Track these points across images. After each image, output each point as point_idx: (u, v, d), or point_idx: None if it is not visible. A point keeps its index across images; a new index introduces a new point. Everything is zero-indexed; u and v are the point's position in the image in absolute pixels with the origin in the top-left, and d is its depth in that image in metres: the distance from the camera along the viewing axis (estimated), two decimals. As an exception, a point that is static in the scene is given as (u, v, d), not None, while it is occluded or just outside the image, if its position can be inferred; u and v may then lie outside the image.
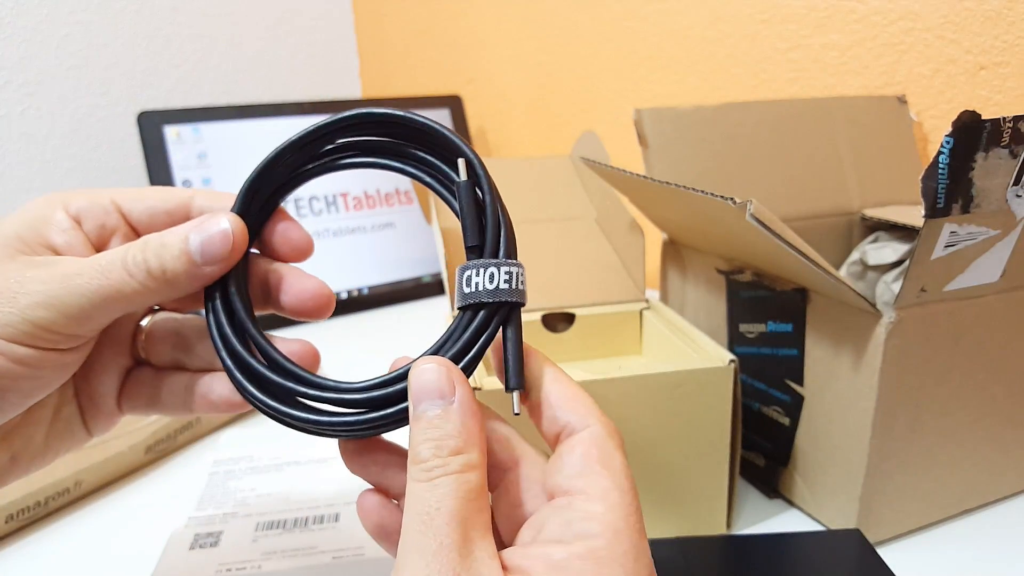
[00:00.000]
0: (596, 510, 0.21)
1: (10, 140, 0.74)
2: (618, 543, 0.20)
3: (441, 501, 0.20)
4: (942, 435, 0.37)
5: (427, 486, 0.20)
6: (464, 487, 0.20)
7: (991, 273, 0.34)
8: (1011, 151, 0.29)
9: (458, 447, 0.21)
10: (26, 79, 0.75)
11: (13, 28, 0.73)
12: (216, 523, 0.39)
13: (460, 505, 0.20)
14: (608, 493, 0.21)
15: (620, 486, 0.21)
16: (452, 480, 0.20)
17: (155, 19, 0.84)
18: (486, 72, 0.94)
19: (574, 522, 0.21)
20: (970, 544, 0.37)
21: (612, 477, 0.22)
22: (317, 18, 1.02)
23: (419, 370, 0.22)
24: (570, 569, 0.20)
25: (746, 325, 0.43)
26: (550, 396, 0.24)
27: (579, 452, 0.22)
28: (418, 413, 0.21)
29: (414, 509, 0.20)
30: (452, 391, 0.21)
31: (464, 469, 0.20)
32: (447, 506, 0.20)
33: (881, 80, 0.59)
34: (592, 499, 0.21)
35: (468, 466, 0.20)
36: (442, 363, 0.22)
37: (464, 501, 0.20)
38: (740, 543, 0.33)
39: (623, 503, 0.21)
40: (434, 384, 0.21)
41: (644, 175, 0.39)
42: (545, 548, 0.20)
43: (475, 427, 0.21)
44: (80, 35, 0.78)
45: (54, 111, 0.77)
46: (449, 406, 0.21)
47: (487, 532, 0.21)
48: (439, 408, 0.21)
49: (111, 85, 0.82)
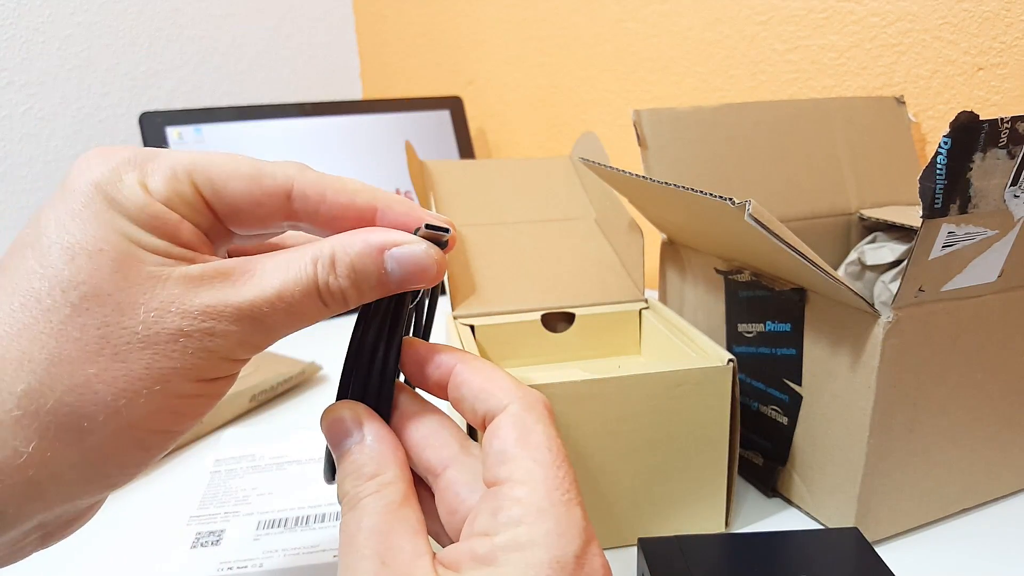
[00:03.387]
0: (519, 494, 0.21)
1: (12, 141, 0.74)
2: (541, 524, 0.20)
3: (361, 521, 0.21)
4: (940, 434, 0.37)
5: (350, 514, 0.21)
6: (382, 503, 0.21)
7: (989, 273, 0.34)
8: (1009, 151, 0.29)
9: (372, 472, 0.22)
10: (28, 80, 0.75)
11: (15, 29, 0.73)
12: (218, 521, 0.39)
13: (379, 520, 0.21)
14: (530, 473, 0.21)
15: (541, 461, 0.21)
16: (369, 500, 0.21)
17: (157, 20, 0.85)
18: (486, 73, 0.94)
19: (499, 511, 0.21)
20: (968, 543, 0.38)
21: (532, 454, 0.21)
22: (318, 20, 1.03)
23: (329, 419, 0.23)
24: (495, 561, 0.20)
25: (744, 325, 0.43)
26: (462, 388, 0.24)
27: (499, 437, 0.22)
28: (339, 455, 0.23)
29: (342, 536, 0.21)
30: (360, 426, 0.23)
31: (380, 488, 0.22)
32: (366, 524, 0.21)
33: (879, 81, 0.59)
34: (515, 483, 0.21)
35: (383, 484, 0.22)
36: (344, 406, 0.23)
37: (383, 515, 0.21)
38: (738, 541, 0.33)
39: (546, 478, 0.21)
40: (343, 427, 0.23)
41: (643, 175, 0.39)
42: (471, 542, 0.21)
43: (387, 450, 0.23)
44: (82, 36, 0.78)
45: (56, 112, 0.77)
46: (360, 441, 0.23)
47: (416, 535, 0.21)
48: (352, 445, 0.23)
49: (113, 86, 0.82)
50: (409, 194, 0.84)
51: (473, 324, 0.44)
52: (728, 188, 0.48)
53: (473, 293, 0.46)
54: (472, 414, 0.24)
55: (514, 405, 0.22)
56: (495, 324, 0.45)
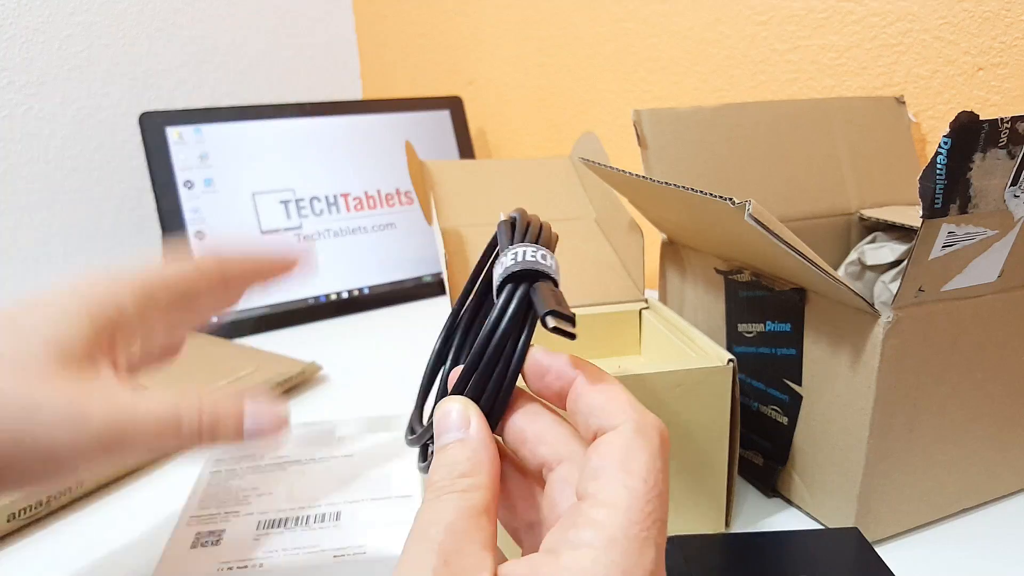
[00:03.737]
0: (597, 516, 0.20)
1: (12, 140, 0.74)
2: (607, 554, 0.19)
3: (440, 515, 0.21)
4: (940, 434, 0.37)
5: (432, 503, 0.22)
6: (465, 503, 0.21)
7: (989, 273, 0.34)
8: (1009, 151, 0.29)
9: (465, 471, 0.22)
10: (28, 80, 0.75)
11: (15, 29, 0.73)
12: (218, 521, 0.39)
13: (456, 518, 0.21)
14: (617, 497, 0.20)
15: (633, 488, 0.20)
16: (454, 497, 0.21)
17: (157, 20, 0.85)
18: (486, 73, 0.94)
19: (572, 528, 0.20)
20: (968, 543, 0.38)
21: (626, 479, 0.20)
22: (318, 20, 1.03)
23: (441, 410, 0.24)
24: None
25: (745, 325, 0.43)
26: (579, 401, 0.23)
27: (600, 453, 0.21)
28: (439, 446, 0.24)
29: (416, 522, 0.21)
30: (467, 425, 0.23)
31: (468, 489, 0.22)
32: (444, 519, 0.21)
33: (879, 81, 0.59)
34: (598, 503, 0.20)
35: (472, 487, 0.22)
36: (458, 400, 0.24)
37: (462, 515, 0.21)
38: (738, 541, 0.33)
39: (630, 508, 0.20)
40: (450, 420, 0.24)
41: (643, 175, 0.39)
42: (533, 560, 0.20)
43: (485, 454, 0.23)
44: (82, 36, 0.78)
45: (56, 112, 0.77)
46: (463, 438, 0.23)
47: (485, 547, 0.21)
48: (454, 439, 0.23)
49: (113, 86, 0.82)
50: (409, 194, 0.84)
51: (473, 324, 0.44)
52: (728, 188, 0.48)
53: (473, 293, 0.46)
54: (585, 428, 0.23)
55: (627, 426, 0.22)
56: (495, 324, 0.45)
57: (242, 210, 0.74)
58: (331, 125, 0.81)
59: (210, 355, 0.60)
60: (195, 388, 0.27)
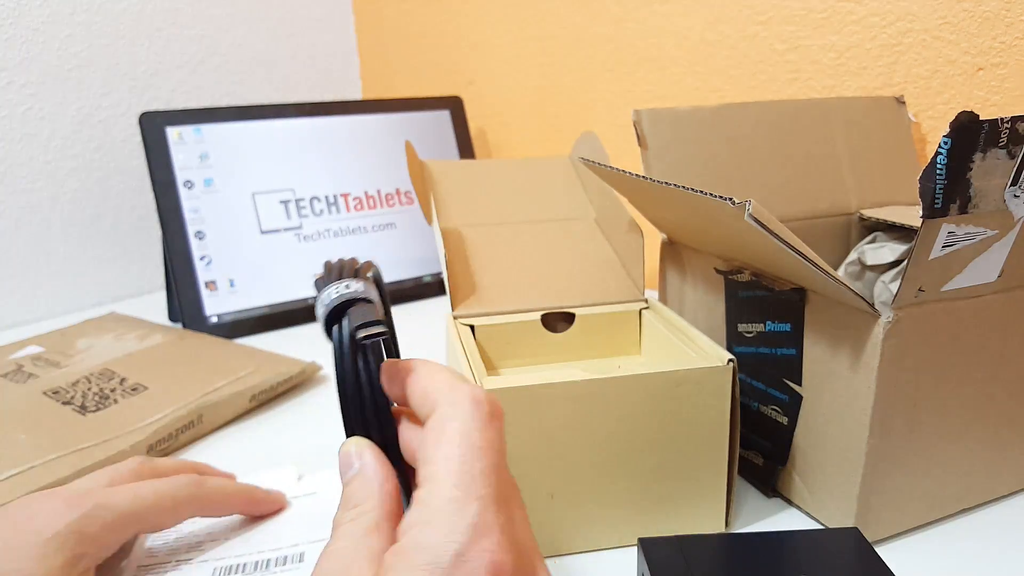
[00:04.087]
0: (421, 496, 0.22)
1: (12, 140, 0.74)
2: (433, 526, 0.21)
3: (332, 545, 0.23)
4: (940, 434, 0.37)
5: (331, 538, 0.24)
6: (354, 529, 0.23)
7: (989, 273, 0.34)
8: (1008, 151, 0.29)
9: (357, 501, 0.24)
10: (28, 80, 0.75)
11: (15, 29, 0.73)
12: (168, 571, 0.35)
13: (344, 544, 0.23)
14: (435, 474, 0.22)
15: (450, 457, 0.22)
16: (346, 528, 0.24)
17: (157, 20, 0.84)
18: (486, 73, 0.94)
19: (407, 516, 0.22)
20: (968, 543, 0.38)
21: (443, 452, 0.22)
22: (318, 20, 1.02)
23: (340, 455, 0.26)
24: (389, 570, 0.21)
25: (744, 325, 0.43)
26: (411, 400, 0.25)
27: (424, 440, 0.23)
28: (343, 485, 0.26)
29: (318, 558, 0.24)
30: (359, 459, 0.25)
31: (356, 517, 0.24)
32: (333, 547, 0.23)
33: (879, 81, 0.59)
34: (423, 485, 0.22)
35: (361, 513, 0.24)
36: (351, 443, 0.26)
37: (349, 541, 0.23)
38: (738, 542, 0.33)
39: (448, 475, 0.21)
40: (346, 461, 0.26)
41: (643, 175, 0.39)
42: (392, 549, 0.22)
43: (375, 480, 0.25)
44: (82, 36, 0.78)
45: (56, 112, 0.77)
46: (356, 472, 0.25)
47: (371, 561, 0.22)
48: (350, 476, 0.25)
49: (113, 86, 0.82)
50: (409, 194, 0.84)
51: (473, 324, 0.44)
52: (728, 188, 0.48)
53: (473, 293, 0.46)
54: (424, 421, 0.24)
55: (440, 407, 0.24)
56: (495, 324, 0.45)
57: (242, 210, 0.74)
58: (331, 125, 0.81)
59: (210, 355, 0.60)
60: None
